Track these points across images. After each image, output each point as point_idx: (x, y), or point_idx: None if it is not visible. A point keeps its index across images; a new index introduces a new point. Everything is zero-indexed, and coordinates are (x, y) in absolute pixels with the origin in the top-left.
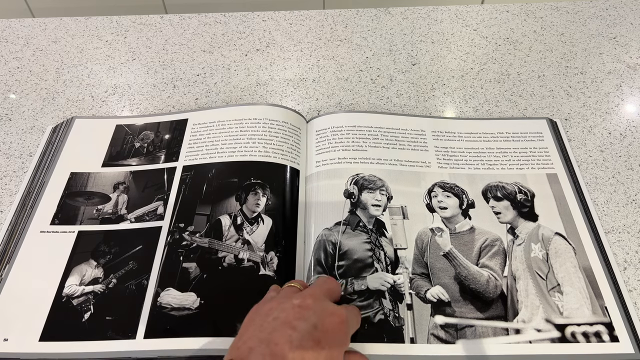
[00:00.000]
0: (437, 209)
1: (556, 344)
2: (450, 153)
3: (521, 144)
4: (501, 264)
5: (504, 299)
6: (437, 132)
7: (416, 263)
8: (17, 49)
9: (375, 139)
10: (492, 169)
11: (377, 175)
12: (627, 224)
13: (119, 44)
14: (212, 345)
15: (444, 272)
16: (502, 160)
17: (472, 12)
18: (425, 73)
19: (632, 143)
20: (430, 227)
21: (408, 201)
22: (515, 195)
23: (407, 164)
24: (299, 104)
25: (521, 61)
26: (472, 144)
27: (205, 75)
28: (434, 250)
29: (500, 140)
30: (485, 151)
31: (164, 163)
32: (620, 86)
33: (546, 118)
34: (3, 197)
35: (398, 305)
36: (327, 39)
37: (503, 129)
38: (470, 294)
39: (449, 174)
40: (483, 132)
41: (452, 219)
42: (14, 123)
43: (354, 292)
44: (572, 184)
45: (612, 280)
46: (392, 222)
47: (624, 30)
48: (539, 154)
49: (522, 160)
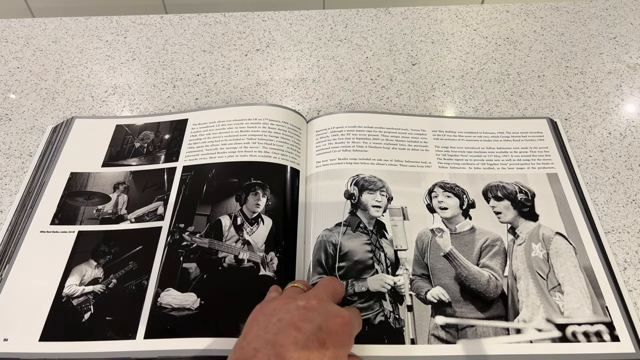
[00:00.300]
0: (437, 209)
1: (557, 344)
2: (451, 153)
3: (521, 144)
4: (502, 264)
5: (504, 299)
6: (438, 132)
7: (416, 264)
8: (17, 49)
9: (376, 139)
10: (492, 168)
11: (377, 176)
12: (627, 224)
13: (119, 44)
14: (212, 346)
15: (445, 273)
16: (503, 160)
17: (472, 12)
18: (425, 73)
19: (632, 143)
20: (430, 227)
21: (409, 202)
22: (516, 195)
23: (408, 164)
24: (299, 104)
25: (521, 61)
26: (473, 143)
27: (205, 75)
28: (435, 251)
29: (500, 140)
30: (486, 151)
31: (164, 163)
32: (620, 86)
33: (546, 118)
34: (3, 197)
35: (398, 306)
36: (327, 39)
37: (503, 129)
38: (471, 294)
39: (449, 174)
40: (483, 132)
41: (453, 219)
42: (14, 123)
43: (355, 293)
44: (572, 183)
45: (612, 280)
46: (392, 223)
47: (624, 30)
48: (539, 154)
49: (522, 160)
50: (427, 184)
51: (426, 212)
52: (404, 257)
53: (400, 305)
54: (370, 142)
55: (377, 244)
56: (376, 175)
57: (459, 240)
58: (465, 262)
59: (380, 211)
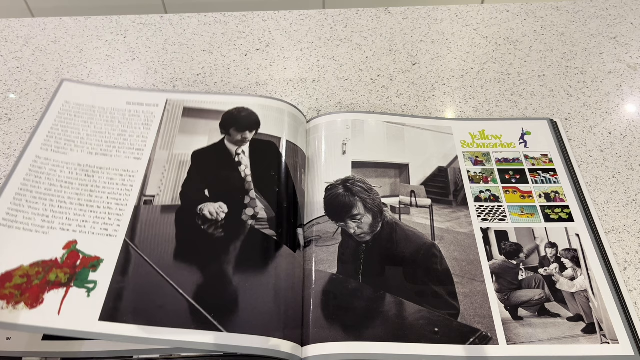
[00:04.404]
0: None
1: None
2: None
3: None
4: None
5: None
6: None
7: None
8: (16, 49)
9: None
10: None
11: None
12: (627, 224)
13: (118, 43)
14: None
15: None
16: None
17: (472, 12)
18: (425, 73)
19: (632, 143)
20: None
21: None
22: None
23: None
24: (299, 103)
25: (521, 61)
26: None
27: (205, 75)
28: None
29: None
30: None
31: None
32: (620, 86)
33: (546, 118)
34: None
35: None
36: (327, 38)
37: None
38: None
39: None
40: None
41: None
42: (14, 123)
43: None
44: (572, 183)
45: (612, 280)
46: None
47: (624, 30)
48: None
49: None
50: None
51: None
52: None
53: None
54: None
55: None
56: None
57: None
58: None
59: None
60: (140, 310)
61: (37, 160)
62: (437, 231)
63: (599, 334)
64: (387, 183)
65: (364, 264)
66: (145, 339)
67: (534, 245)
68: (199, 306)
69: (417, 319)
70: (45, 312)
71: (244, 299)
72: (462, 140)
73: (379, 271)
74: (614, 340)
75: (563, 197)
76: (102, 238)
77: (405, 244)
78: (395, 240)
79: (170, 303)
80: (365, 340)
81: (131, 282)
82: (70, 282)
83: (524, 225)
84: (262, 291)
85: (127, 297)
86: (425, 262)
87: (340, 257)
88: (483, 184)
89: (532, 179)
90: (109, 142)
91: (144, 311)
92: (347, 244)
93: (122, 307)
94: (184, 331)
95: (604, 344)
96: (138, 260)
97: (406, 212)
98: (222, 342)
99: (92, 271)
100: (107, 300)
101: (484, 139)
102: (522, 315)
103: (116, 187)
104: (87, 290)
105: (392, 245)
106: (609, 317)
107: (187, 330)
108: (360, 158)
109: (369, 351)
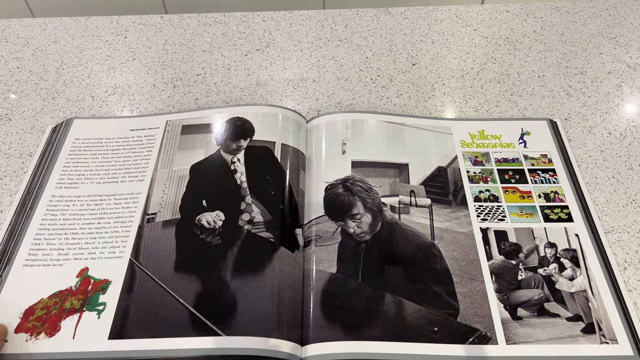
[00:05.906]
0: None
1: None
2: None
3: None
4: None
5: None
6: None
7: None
8: (17, 49)
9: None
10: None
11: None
12: (627, 224)
13: (119, 44)
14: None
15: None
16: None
17: (472, 12)
18: (425, 73)
19: (632, 143)
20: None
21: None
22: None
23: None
24: (299, 104)
25: (521, 61)
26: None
27: (205, 75)
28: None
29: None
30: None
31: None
32: (620, 86)
33: (546, 118)
34: (3, 197)
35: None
36: (327, 39)
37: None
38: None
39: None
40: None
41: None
42: (14, 123)
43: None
44: (572, 184)
45: (611, 280)
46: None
47: (624, 30)
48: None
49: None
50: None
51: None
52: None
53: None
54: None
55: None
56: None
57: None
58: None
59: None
60: (145, 325)
61: (53, 199)
62: (436, 231)
63: (598, 334)
64: (387, 183)
65: (363, 263)
66: (150, 351)
67: (533, 245)
68: (199, 313)
69: (417, 319)
70: (62, 339)
71: (242, 302)
72: (462, 140)
73: (379, 271)
74: (613, 340)
75: (562, 197)
76: (110, 261)
77: (405, 243)
78: (394, 240)
79: (172, 314)
80: (364, 340)
81: (136, 298)
82: (83, 307)
83: (523, 225)
84: (261, 293)
85: (133, 314)
86: (425, 261)
87: (339, 256)
88: (482, 184)
89: (531, 179)
90: (115, 170)
91: (149, 324)
92: (347, 244)
93: (128, 323)
94: (185, 339)
95: (603, 344)
96: (142, 276)
97: (406, 211)
98: (221, 345)
99: (102, 294)
100: (115, 319)
101: (484, 139)
102: (521, 315)
103: (122, 210)
104: (97, 312)
105: (392, 245)
106: (609, 317)
107: (188, 339)
108: (360, 158)
109: (368, 350)
